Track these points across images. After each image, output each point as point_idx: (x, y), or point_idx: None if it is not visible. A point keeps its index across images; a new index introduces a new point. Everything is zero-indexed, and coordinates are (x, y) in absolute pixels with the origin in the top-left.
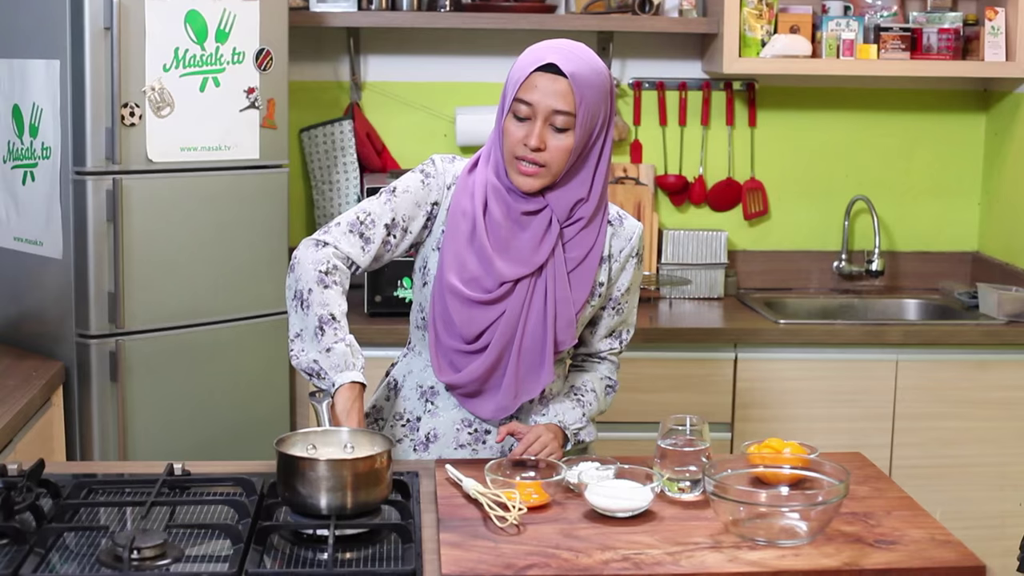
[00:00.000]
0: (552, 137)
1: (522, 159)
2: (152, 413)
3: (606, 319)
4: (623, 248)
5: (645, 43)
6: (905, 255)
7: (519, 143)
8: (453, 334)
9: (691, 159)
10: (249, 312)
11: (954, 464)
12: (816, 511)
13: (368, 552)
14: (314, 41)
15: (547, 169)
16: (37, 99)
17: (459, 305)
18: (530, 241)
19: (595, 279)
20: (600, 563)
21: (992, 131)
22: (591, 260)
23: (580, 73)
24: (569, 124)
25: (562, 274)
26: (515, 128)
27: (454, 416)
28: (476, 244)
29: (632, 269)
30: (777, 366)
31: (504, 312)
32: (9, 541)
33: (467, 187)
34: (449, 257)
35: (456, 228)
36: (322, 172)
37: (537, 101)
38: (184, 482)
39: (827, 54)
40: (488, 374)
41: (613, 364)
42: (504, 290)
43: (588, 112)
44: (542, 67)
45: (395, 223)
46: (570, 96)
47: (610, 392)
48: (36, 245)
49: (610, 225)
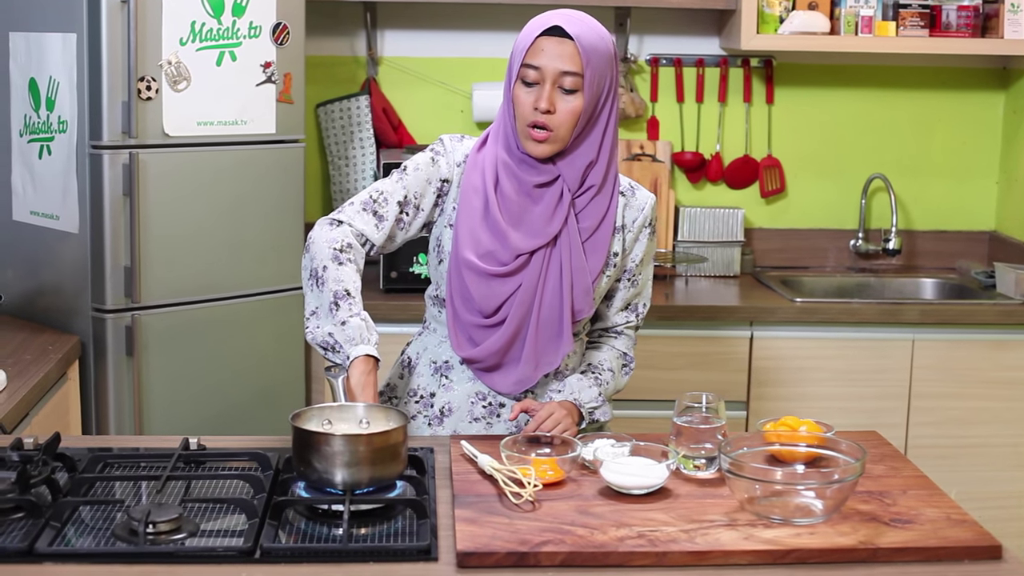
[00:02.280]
0: (561, 100)
1: (533, 125)
2: (167, 387)
3: (621, 291)
4: (636, 218)
5: (663, 19)
6: (922, 234)
7: (530, 108)
8: (471, 309)
9: (708, 136)
10: (265, 287)
11: (970, 444)
12: (832, 489)
13: (383, 527)
14: (331, 15)
15: (556, 133)
16: (54, 72)
17: (476, 279)
18: (543, 213)
19: (609, 248)
20: (615, 540)
21: (1011, 109)
22: (604, 229)
23: (585, 35)
24: (577, 85)
25: (576, 243)
26: (525, 94)
27: (468, 389)
28: (490, 219)
29: (646, 240)
30: (793, 344)
31: (521, 284)
32: (25, 514)
33: (477, 164)
34: (463, 233)
35: (469, 204)
36: (338, 147)
37: (545, 64)
38: (199, 457)
39: (845, 31)
40: (507, 347)
41: (630, 339)
42: (520, 262)
43: (595, 74)
44: (547, 31)
45: (407, 200)
46: (577, 57)
47: (627, 371)
48: (52, 219)
49: (622, 196)
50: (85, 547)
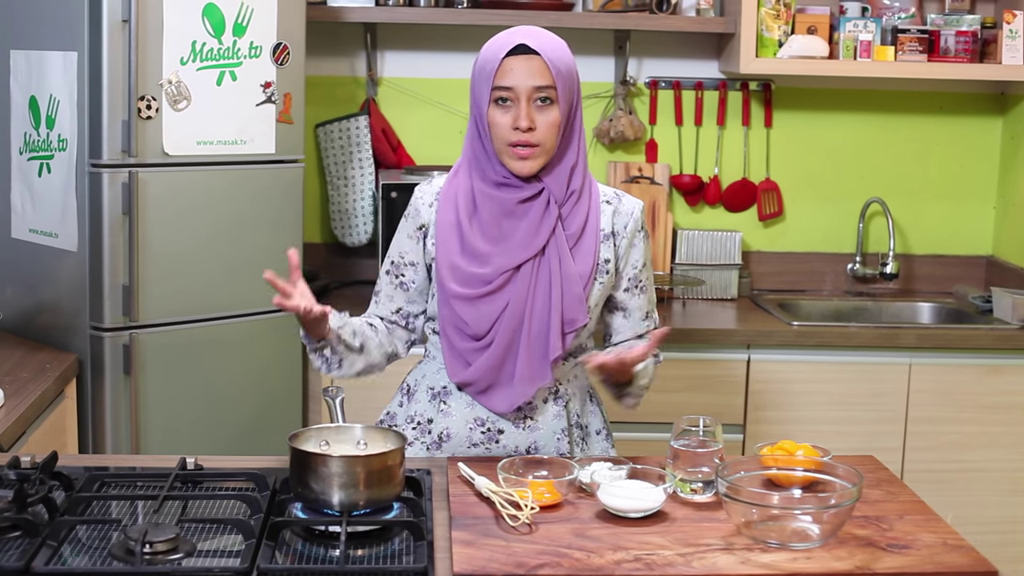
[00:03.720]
0: (540, 114)
1: (515, 144)
2: (165, 407)
3: (632, 300)
4: (627, 224)
5: (662, 42)
6: (920, 258)
7: (508, 130)
8: (465, 336)
9: (706, 159)
10: (263, 307)
11: (967, 469)
12: (828, 514)
13: (380, 549)
14: (331, 36)
15: (541, 147)
16: (54, 91)
17: (464, 305)
18: (529, 227)
19: (598, 254)
20: (612, 563)
21: (1009, 135)
22: (589, 232)
23: (549, 47)
24: (552, 96)
25: (565, 252)
26: (501, 117)
27: (466, 415)
28: (467, 249)
29: (642, 244)
30: (790, 368)
31: (509, 301)
32: (22, 533)
33: (450, 198)
34: (443, 267)
35: (445, 240)
36: (337, 167)
37: (517, 83)
38: (196, 476)
39: (844, 55)
40: (499, 365)
41: None
42: (505, 278)
43: (565, 82)
44: (512, 51)
45: (395, 264)
46: (546, 71)
47: (657, 361)
48: (51, 237)
49: (608, 204)
50: (82, 567)
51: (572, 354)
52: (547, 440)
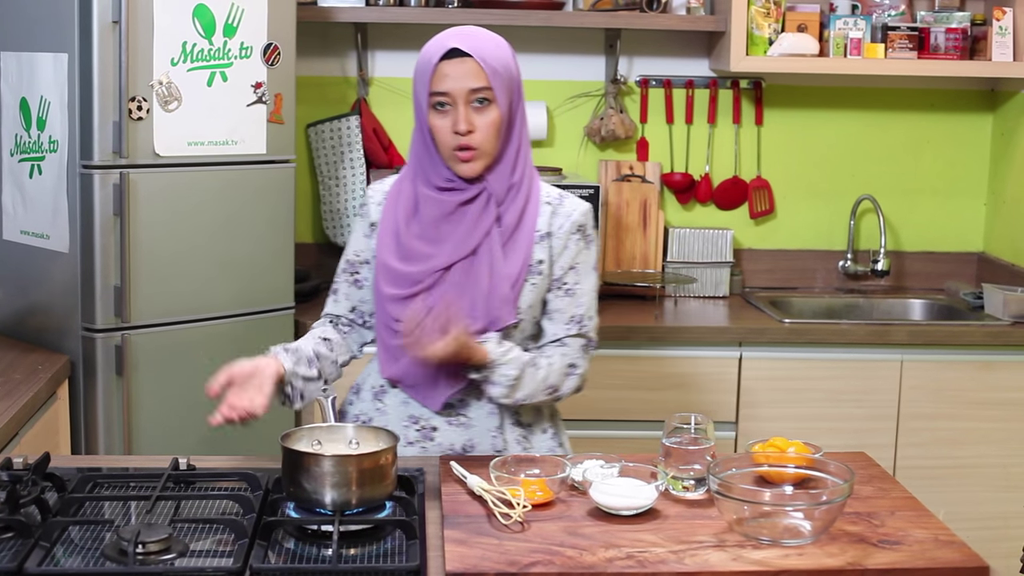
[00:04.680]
0: (477, 116)
1: (458, 148)
2: (157, 407)
3: (555, 300)
4: (563, 225)
5: (652, 41)
6: (911, 255)
7: (449, 134)
8: (396, 333)
9: (697, 157)
10: (255, 307)
11: (958, 465)
12: (820, 511)
13: (372, 548)
14: (322, 36)
15: (481, 149)
16: (45, 92)
17: (395, 306)
18: (466, 228)
19: (530, 253)
20: (604, 561)
21: (999, 131)
22: (524, 229)
23: (483, 48)
24: (490, 97)
25: (498, 251)
26: (440, 122)
27: (401, 413)
28: (402, 252)
29: (575, 247)
30: (782, 365)
31: (437, 300)
32: (14, 534)
33: (393, 200)
34: (380, 267)
35: (384, 242)
36: (329, 168)
37: (452, 87)
38: (189, 477)
39: (834, 53)
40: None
41: (577, 352)
42: (435, 277)
43: (502, 82)
44: (445, 55)
45: (351, 263)
46: (481, 73)
47: (572, 373)
48: (43, 238)
49: (549, 205)
50: (74, 567)
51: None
52: (482, 437)
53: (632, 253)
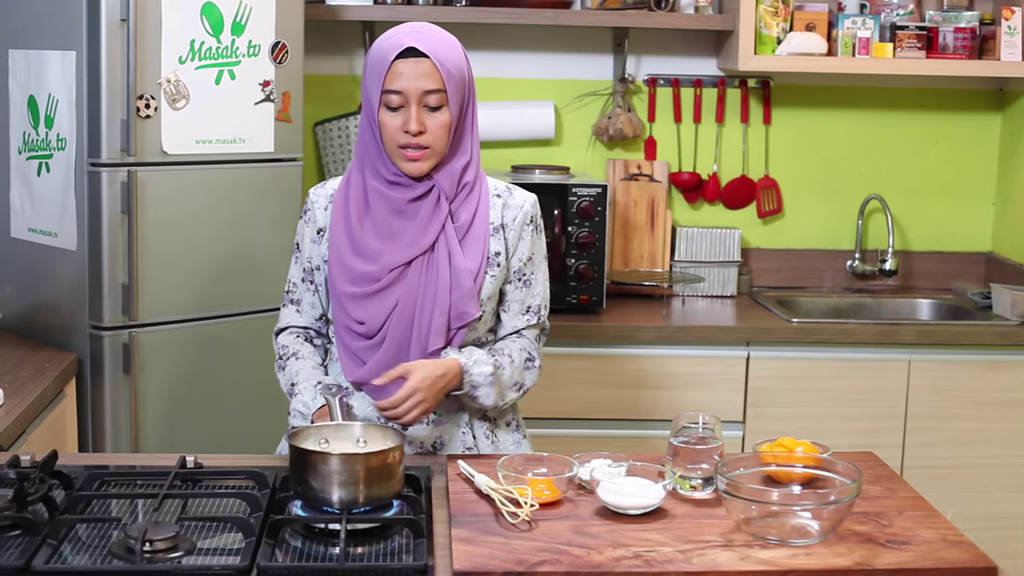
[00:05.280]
0: (429, 117)
1: (405, 146)
2: (164, 405)
3: (513, 292)
4: (516, 216)
5: (660, 39)
6: (919, 255)
7: (398, 132)
8: (357, 335)
9: (705, 156)
10: (263, 305)
11: (966, 465)
12: (828, 510)
13: (380, 547)
14: (330, 35)
15: (431, 150)
16: (53, 90)
17: (355, 305)
18: (418, 226)
19: (488, 247)
20: (611, 560)
21: (1008, 131)
22: (478, 224)
23: (439, 49)
24: (442, 101)
25: (455, 247)
26: (390, 119)
27: (370, 413)
28: (358, 248)
29: (529, 238)
30: (790, 365)
31: (398, 298)
32: (22, 532)
33: (342, 200)
34: (336, 268)
35: (337, 242)
36: (336, 166)
37: (406, 87)
38: (196, 475)
39: (843, 52)
40: (392, 362)
41: (532, 341)
42: (394, 275)
43: (455, 84)
44: (401, 53)
45: (307, 271)
46: (436, 74)
47: (530, 367)
48: (50, 236)
49: (498, 198)
50: (82, 565)
51: (476, 346)
52: (452, 434)
53: (640, 252)
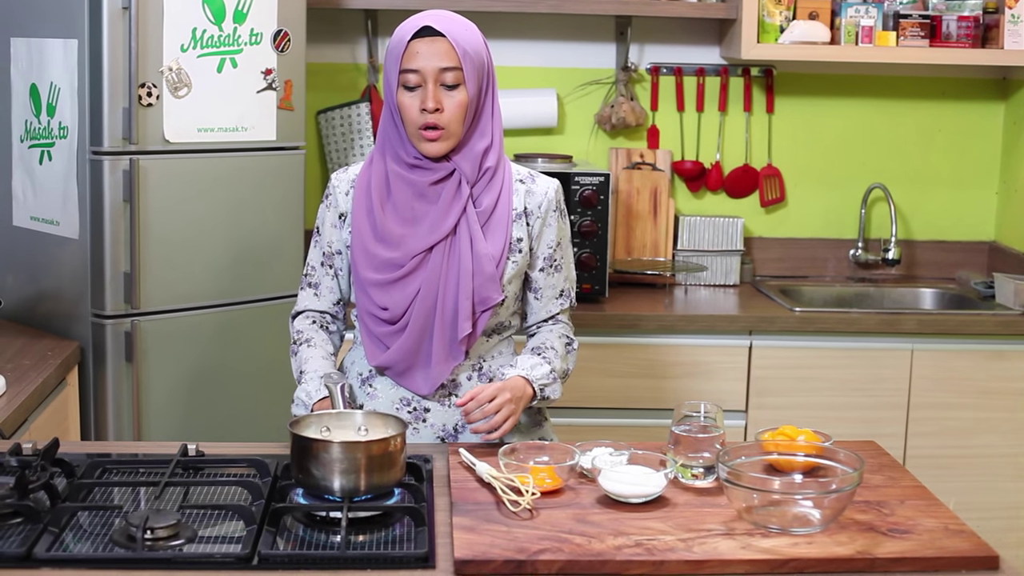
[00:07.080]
0: (446, 96)
1: (424, 127)
2: (167, 394)
3: (545, 279)
4: (540, 203)
5: (663, 28)
6: (922, 244)
7: (417, 112)
8: (381, 321)
9: (708, 145)
10: (264, 294)
11: (968, 454)
12: (829, 499)
13: (381, 535)
14: (332, 23)
15: (449, 129)
16: (55, 78)
17: (379, 291)
18: (440, 210)
19: (510, 232)
20: (613, 548)
21: (1011, 120)
22: (500, 210)
23: (455, 29)
24: (459, 79)
25: (477, 231)
26: (409, 100)
27: (392, 396)
28: (380, 234)
29: (556, 224)
30: (792, 354)
31: (421, 284)
32: (23, 520)
33: (364, 185)
34: (358, 254)
35: (359, 227)
36: (339, 154)
37: (423, 66)
38: (198, 463)
39: (846, 41)
40: (416, 347)
41: (566, 324)
42: (416, 261)
43: (472, 64)
44: (417, 33)
45: (327, 255)
46: (452, 52)
47: (571, 350)
48: (53, 225)
49: (522, 184)
50: (83, 553)
51: (495, 331)
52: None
53: (642, 241)
